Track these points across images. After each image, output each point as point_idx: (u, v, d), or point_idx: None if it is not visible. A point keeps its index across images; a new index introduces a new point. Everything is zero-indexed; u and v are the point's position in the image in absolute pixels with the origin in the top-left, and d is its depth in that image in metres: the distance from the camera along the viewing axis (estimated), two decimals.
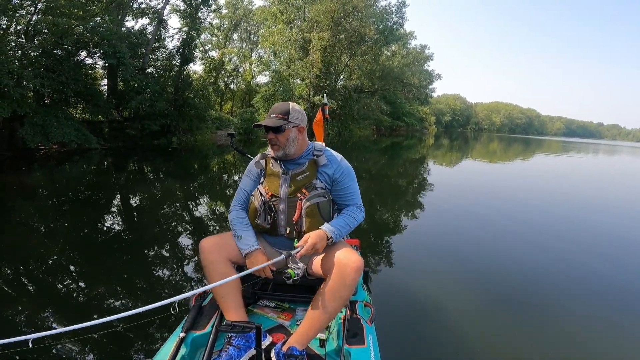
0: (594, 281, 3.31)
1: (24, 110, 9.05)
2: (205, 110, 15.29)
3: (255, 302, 1.62)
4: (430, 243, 4.24)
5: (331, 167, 1.52)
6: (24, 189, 6.36)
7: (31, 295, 2.67)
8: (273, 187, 1.51)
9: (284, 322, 1.51)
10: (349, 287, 1.32)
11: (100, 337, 2.00)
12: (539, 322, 2.50)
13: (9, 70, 8.34)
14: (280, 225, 1.51)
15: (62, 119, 10.11)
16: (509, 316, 2.59)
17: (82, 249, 3.58)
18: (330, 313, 1.32)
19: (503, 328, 2.43)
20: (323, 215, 1.49)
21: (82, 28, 9.80)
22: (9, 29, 10.02)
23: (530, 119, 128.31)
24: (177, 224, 4.59)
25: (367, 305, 1.63)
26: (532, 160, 18.57)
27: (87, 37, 10.36)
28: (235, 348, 1.27)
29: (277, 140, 1.48)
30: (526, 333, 2.36)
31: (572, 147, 37.51)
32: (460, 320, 2.46)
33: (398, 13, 28.34)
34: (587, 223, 5.61)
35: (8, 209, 4.97)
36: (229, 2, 27.39)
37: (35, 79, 9.08)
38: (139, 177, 8.27)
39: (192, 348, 1.31)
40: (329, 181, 1.52)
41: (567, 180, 11.51)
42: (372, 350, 1.32)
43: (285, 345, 1.29)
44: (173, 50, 14.94)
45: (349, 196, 1.56)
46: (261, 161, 1.59)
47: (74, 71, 10.43)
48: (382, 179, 9.66)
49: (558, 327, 2.46)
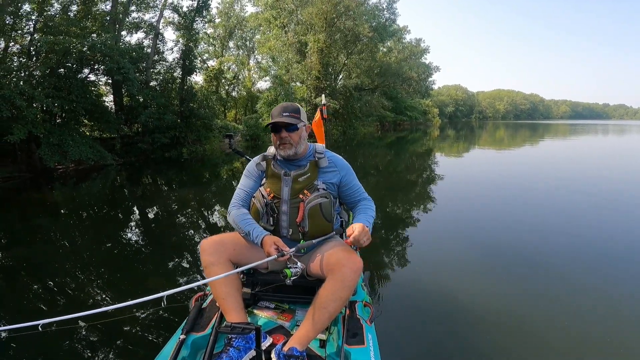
0: (606, 269, 3.10)
1: (39, 131, 9.32)
2: (212, 119, 15.52)
3: (255, 304, 1.61)
4: (431, 242, 4.15)
5: (335, 168, 1.56)
6: (53, 206, 6.61)
7: (52, 296, 2.84)
8: (275, 189, 1.52)
9: (284, 323, 1.50)
10: (348, 287, 1.33)
11: (101, 339, 2.03)
12: (538, 321, 2.43)
13: (20, 91, 8.57)
14: (282, 226, 1.52)
15: (77, 137, 10.38)
16: (509, 316, 2.53)
17: (105, 259, 3.73)
18: (330, 313, 1.32)
19: (503, 328, 2.38)
20: (325, 216, 1.50)
21: (83, 45, 9.98)
22: (7, 49, 10.21)
23: (534, 104, 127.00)
24: (191, 231, 4.70)
25: (367, 305, 1.62)
26: (541, 146, 18.35)
27: (89, 55, 10.55)
28: (236, 349, 1.26)
29: (290, 139, 1.49)
30: (525, 330, 2.32)
31: (581, 130, 36.87)
32: (461, 320, 2.43)
33: (389, 9, 28.48)
34: (601, 210, 5.22)
35: (40, 225, 5.18)
36: (221, 11, 27.79)
37: (47, 99, 9.32)
38: (154, 189, 8.46)
39: (192, 350, 1.31)
40: (334, 182, 1.55)
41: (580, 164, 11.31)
42: (372, 350, 1.31)
43: (286, 346, 1.29)
44: (173, 63, 15.25)
45: (356, 193, 1.61)
46: (262, 162, 1.60)
47: (82, 89, 10.70)
48: (386, 175, 9.58)
49: (559, 329, 2.35)
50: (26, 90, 8.72)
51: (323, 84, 24.28)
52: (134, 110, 13.10)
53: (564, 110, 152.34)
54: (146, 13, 14.36)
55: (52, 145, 9.68)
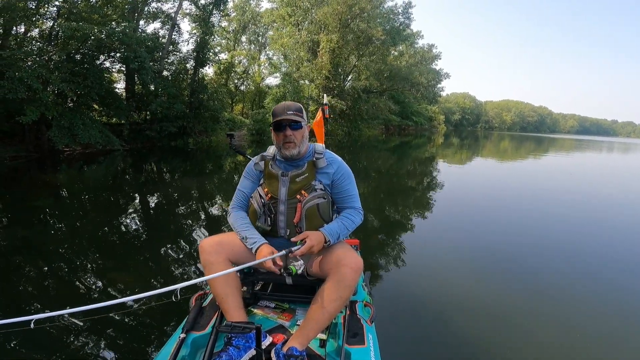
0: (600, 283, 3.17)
1: (52, 113, 9.57)
2: (220, 111, 15.76)
3: (255, 303, 1.61)
4: (431, 243, 4.21)
5: (331, 168, 1.53)
6: (58, 187, 6.84)
7: (48, 278, 2.86)
8: (272, 189, 1.51)
9: (284, 323, 1.50)
10: (348, 287, 1.33)
11: (101, 338, 2.03)
12: (537, 322, 2.48)
13: (37, 74, 8.81)
14: (280, 227, 1.51)
15: (87, 121, 10.64)
16: (509, 317, 2.58)
17: (102, 245, 3.75)
18: (331, 313, 1.32)
19: (503, 328, 2.43)
20: (323, 217, 1.49)
21: (102, 33, 10.23)
22: (27, 33, 10.46)
23: (542, 116, 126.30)
24: (189, 221, 4.77)
25: (367, 305, 1.62)
26: (544, 159, 18.45)
27: (107, 42, 10.81)
28: (236, 348, 1.26)
29: (295, 137, 1.47)
30: (525, 331, 2.38)
31: (586, 146, 36.79)
32: (461, 320, 2.46)
33: (404, 14, 28.56)
34: (599, 227, 5.29)
35: (50, 204, 5.42)
36: (237, 5, 27.98)
37: (62, 83, 9.56)
38: (158, 177, 8.69)
39: (192, 349, 1.31)
40: (329, 182, 1.53)
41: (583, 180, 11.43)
42: (372, 350, 1.32)
43: (286, 345, 1.29)
44: (187, 54, 15.49)
45: (348, 198, 1.56)
46: (260, 163, 1.59)
47: (97, 76, 10.95)
48: (387, 178, 9.70)
49: (559, 329, 2.41)
50: (43, 74, 8.96)
51: (332, 83, 24.44)
52: (145, 98, 13.36)
53: (572, 125, 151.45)
54: (165, 3, 14.58)
55: (62, 127, 9.94)
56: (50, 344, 1.98)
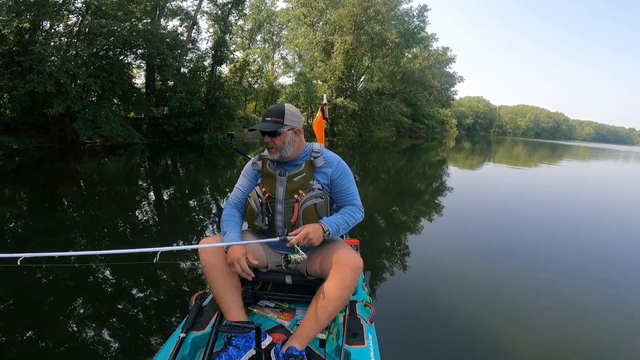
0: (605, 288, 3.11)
1: (77, 107, 10.03)
2: (234, 109, 16.12)
3: (255, 302, 1.62)
4: (433, 244, 4.22)
5: (329, 167, 1.53)
6: (80, 177, 7.22)
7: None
8: (270, 189, 1.51)
9: (284, 322, 1.50)
10: (348, 287, 1.33)
11: (100, 337, 2.04)
12: (538, 322, 2.49)
13: (66, 69, 9.26)
14: (277, 226, 1.51)
15: (110, 115, 11.09)
16: (509, 317, 2.58)
17: (122, 227, 3.93)
18: (330, 313, 1.33)
19: (503, 328, 2.43)
20: (320, 216, 1.49)
21: (127, 30, 10.61)
22: (52, 28, 10.85)
23: (557, 123, 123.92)
24: (202, 215, 4.92)
25: (367, 305, 1.63)
26: (558, 168, 18.22)
27: (132, 39, 11.22)
28: (235, 348, 1.27)
29: (274, 144, 1.47)
30: (525, 331, 2.40)
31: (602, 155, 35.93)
32: (461, 320, 2.46)
33: (420, 17, 28.53)
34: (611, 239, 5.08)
35: (64, 193, 5.73)
36: (252, 4, 28.40)
37: (89, 78, 10.00)
38: (173, 170, 9.01)
39: (192, 348, 1.31)
40: (327, 181, 1.53)
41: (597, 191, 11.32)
42: (372, 350, 1.32)
43: (285, 345, 1.29)
44: (205, 52, 15.88)
45: (348, 197, 1.56)
46: (258, 162, 1.60)
47: (121, 71, 11.41)
48: (395, 179, 9.75)
49: (558, 329, 2.40)
50: (72, 69, 9.41)
51: (345, 84, 24.62)
52: (164, 94, 13.77)
53: (588, 132, 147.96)
54: (185, 1, 14.99)
55: (87, 120, 10.40)
56: (50, 343, 1.98)
